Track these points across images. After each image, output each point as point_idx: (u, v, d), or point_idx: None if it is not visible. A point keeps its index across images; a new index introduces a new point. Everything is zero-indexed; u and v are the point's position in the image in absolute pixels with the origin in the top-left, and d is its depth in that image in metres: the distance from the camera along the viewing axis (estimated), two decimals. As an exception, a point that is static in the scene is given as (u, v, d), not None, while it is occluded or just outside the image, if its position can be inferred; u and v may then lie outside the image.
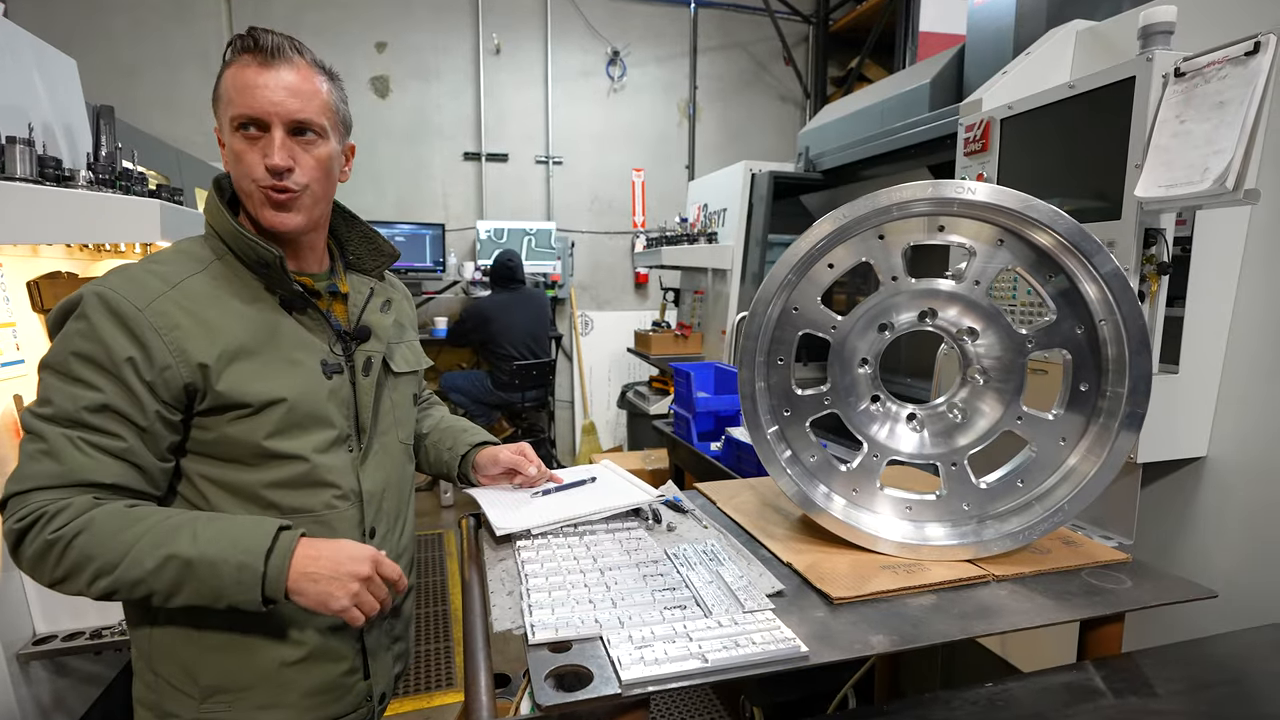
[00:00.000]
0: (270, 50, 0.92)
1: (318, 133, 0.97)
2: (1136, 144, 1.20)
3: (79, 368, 0.87)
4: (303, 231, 1.01)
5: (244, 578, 0.86)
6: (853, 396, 1.13)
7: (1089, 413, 1.06)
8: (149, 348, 0.88)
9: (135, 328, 0.88)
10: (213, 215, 1.00)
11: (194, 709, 0.96)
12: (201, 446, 0.95)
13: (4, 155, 1.36)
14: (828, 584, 0.98)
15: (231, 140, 0.95)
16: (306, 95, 0.95)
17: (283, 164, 0.94)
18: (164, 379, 0.89)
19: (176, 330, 0.90)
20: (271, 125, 0.93)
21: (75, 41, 3.79)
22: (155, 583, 0.85)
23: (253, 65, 0.92)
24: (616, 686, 0.74)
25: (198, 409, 0.93)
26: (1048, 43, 1.69)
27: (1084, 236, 0.99)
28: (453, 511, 4.52)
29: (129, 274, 0.93)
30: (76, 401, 0.86)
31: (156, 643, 0.97)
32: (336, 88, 1.02)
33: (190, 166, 2.98)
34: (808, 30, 5.89)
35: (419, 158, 5.18)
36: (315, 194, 1.00)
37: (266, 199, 0.96)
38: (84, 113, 1.95)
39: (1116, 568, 1.06)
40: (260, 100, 0.92)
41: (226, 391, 0.92)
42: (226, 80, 0.94)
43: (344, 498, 1.03)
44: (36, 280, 1.64)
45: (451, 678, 2.68)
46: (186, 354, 0.90)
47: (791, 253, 1.06)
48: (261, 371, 0.95)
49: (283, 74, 0.93)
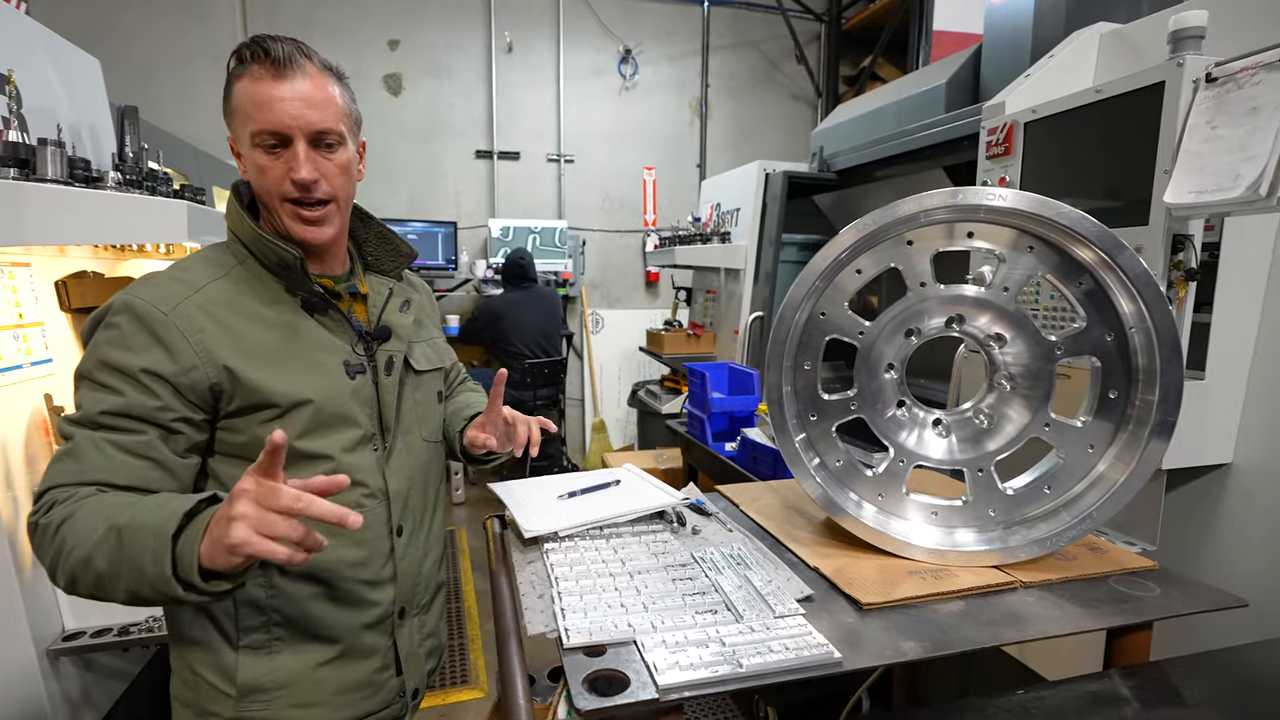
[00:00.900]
0: (282, 61, 0.92)
1: (337, 140, 0.98)
2: (1165, 149, 1.20)
3: (103, 374, 0.89)
4: (334, 242, 1.04)
5: (158, 544, 0.76)
6: (879, 402, 1.13)
7: (1118, 420, 1.06)
8: (175, 350, 0.89)
9: (161, 331, 0.89)
10: (234, 221, 1.01)
11: (232, 708, 0.98)
12: (232, 449, 0.96)
13: (35, 157, 1.37)
14: (856, 589, 0.99)
15: (252, 155, 0.95)
16: (323, 104, 0.95)
17: (310, 177, 0.95)
18: (190, 380, 0.90)
19: (201, 333, 0.91)
20: (294, 139, 0.94)
21: (90, 38, 3.84)
22: (98, 559, 0.78)
23: (266, 78, 0.92)
24: (654, 691, 0.75)
25: (226, 410, 0.94)
26: (1071, 45, 1.68)
27: (1113, 241, 0.98)
28: (465, 508, 4.55)
29: (155, 281, 0.95)
30: (100, 405, 0.88)
31: (193, 642, 0.99)
32: (345, 88, 1.02)
33: (208, 165, 2.99)
34: (820, 29, 5.87)
35: (431, 156, 5.20)
36: (341, 201, 1.02)
37: (296, 215, 0.97)
38: (107, 112, 1.96)
39: (1144, 575, 1.06)
40: (280, 114, 0.92)
41: (254, 392, 0.93)
42: (240, 93, 0.93)
43: (371, 496, 1.05)
44: (64, 280, 1.66)
45: (467, 675, 2.69)
46: (212, 355, 0.91)
47: (820, 259, 1.06)
48: (287, 373, 0.96)
49: (297, 84, 0.93)
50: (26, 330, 1.53)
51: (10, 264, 1.51)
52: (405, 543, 1.10)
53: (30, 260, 1.58)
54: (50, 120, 1.56)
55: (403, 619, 1.11)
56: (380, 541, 1.06)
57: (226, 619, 0.98)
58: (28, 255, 1.57)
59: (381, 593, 1.07)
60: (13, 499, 1.39)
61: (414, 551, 1.12)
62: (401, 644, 1.10)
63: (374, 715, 1.08)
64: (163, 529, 0.77)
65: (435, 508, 1.20)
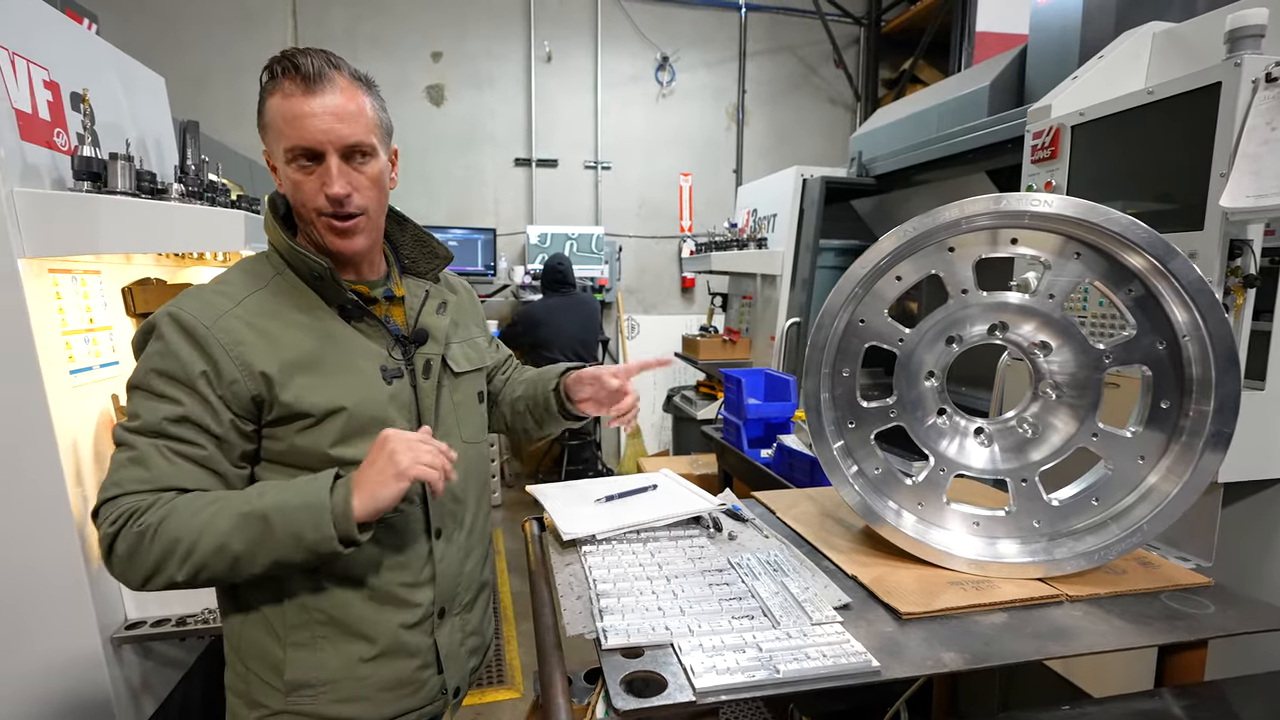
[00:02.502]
0: (312, 76, 0.93)
1: (368, 152, 0.99)
2: (1222, 152, 1.16)
3: (159, 383, 0.92)
4: (369, 251, 1.06)
5: (314, 514, 0.90)
6: (919, 410, 1.12)
7: (1170, 431, 1.03)
8: (218, 362, 0.92)
9: (205, 344, 0.92)
10: (270, 233, 1.03)
11: (281, 701, 1.01)
12: (274, 455, 1.00)
13: (107, 171, 1.45)
14: (895, 598, 0.98)
15: (287, 170, 0.97)
16: (353, 116, 0.96)
17: (343, 192, 0.96)
18: (233, 392, 0.93)
19: (241, 345, 0.94)
20: (326, 154, 0.95)
21: (150, 53, 4.03)
22: (235, 543, 0.89)
23: (297, 94, 0.93)
24: (691, 694, 0.76)
25: (266, 419, 0.97)
26: (1121, 46, 1.64)
27: (1166, 249, 0.96)
28: (501, 510, 4.61)
29: (198, 294, 0.97)
30: (159, 413, 0.91)
31: (244, 638, 1.03)
32: (375, 97, 1.02)
33: (261, 175, 3.12)
34: (859, 32, 5.81)
35: (471, 164, 5.30)
36: (373, 212, 1.03)
37: (331, 227, 0.99)
38: (170, 126, 2.06)
39: (1198, 591, 1.03)
40: (311, 130, 0.93)
41: (291, 402, 0.96)
42: (272, 109, 0.95)
43: (409, 500, 1.06)
44: (130, 286, 1.75)
45: (503, 674, 2.73)
46: (251, 367, 0.94)
47: (859, 265, 1.06)
48: (322, 382, 0.98)
49: (328, 99, 0.94)
50: (96, 334, 1.61)
51: (82, 271, 1.60)
52: (444, 545, 1.12)
53: (100, 268, 1.67)
54: (119, 135, 1.65)
55: (443, 619, 1.13)
56: (418, 545, 1.08)
57: (275, 616, 1.01)
58: (98, 264, 1.67)
59: (421, 594, 1.09)
60: (82, 495, 1.47)
61: (453, 553, 1.14)
62: (442, 644, 1.12)
63: (415, 712, 1.10)
64: (313, 503, 0.91)
65: (477, 508, 1.22)
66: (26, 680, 1.44)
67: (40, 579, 1.43)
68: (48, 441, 1.39)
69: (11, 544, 1.40)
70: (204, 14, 4.72)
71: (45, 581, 1.43)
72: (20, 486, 1.39)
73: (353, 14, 4.95)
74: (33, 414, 1.38)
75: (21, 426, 1.37)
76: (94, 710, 1.49)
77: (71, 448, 1.46)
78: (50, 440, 1.39)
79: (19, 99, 1.39)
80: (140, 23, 4.55)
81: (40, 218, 1.35)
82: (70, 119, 1.56)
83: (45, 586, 1.43)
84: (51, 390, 1.39)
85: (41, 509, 1.41)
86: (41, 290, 1.43)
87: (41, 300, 1.42)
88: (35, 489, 1.40)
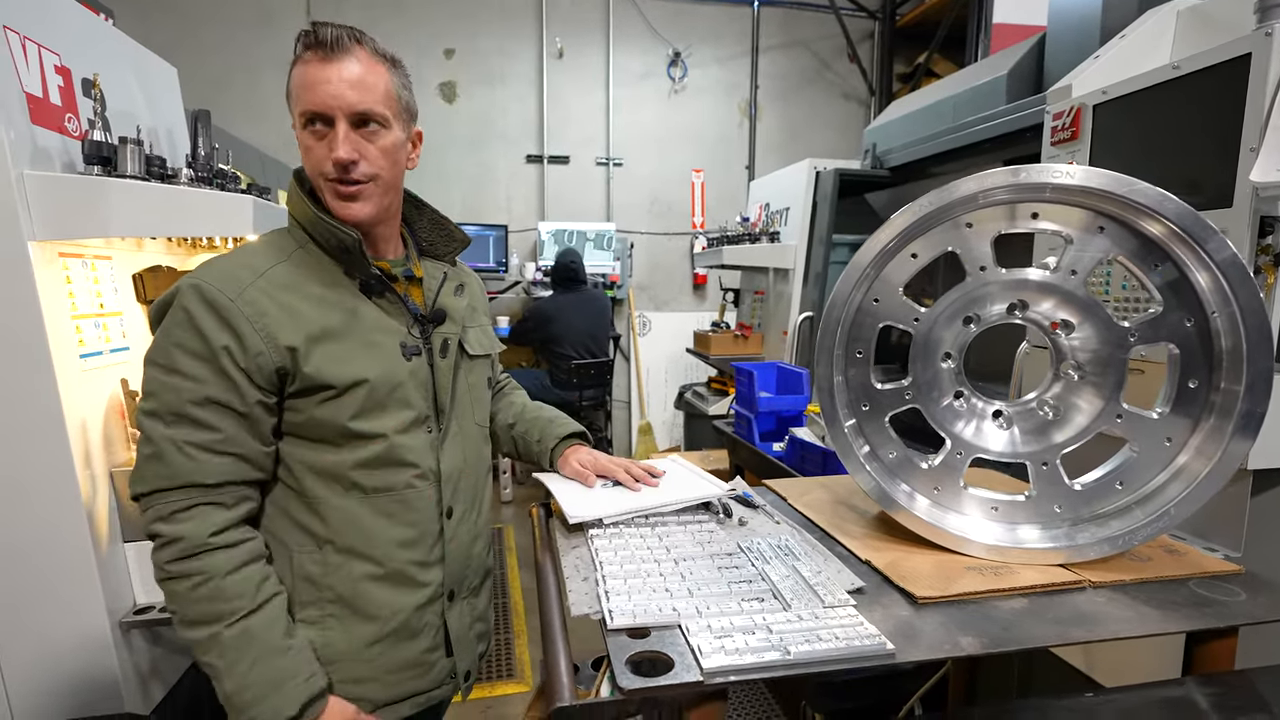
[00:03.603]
0: (330, 44, 0.94)
1: (380, 122, 0.98)
2: (1252, 126, 1.12)
3: (180, 358, 0.91)
4: (373, 221, 1.04)
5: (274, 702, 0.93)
6: (935, 391, 1.09)
7: (1199, 411, 0.99)
8: (242, 335, 0.92)
9: (229, 317, 0.92)
10: (294, 205, 1.03)
11: None
12: (293, 428, 0.99)
13: (116, 155, 1.45)
14: (910, 583, 0.95)
15: (301, 136, 0.98)
16: (367, 86, 0.96)
17: (347, 157, 0.95)
18: (257, 364, 0.93)
19: (265, 317, 0.94)
20: (335, 119, 0.95)
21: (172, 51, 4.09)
22: (198, 653, 0.94)
23: (315, 61, 0.94)
24: (698, 674, 0.73)
25: (288, 391, 0.97)
26: (1144, 24, 1.59)
27: (1196, 221, 0.92)
28: (512, 507, 4.60)
29: (220, 266, 0.97)
30: (180, 395, 0.91)
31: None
32: (399, 75, 1.02)
33: (272, 168, 3.14)
34: (873, 26, 5.76)
35: (483, 161, 5.31)
36: (383, 183, 1.01)
37: (335, 192, 0.98)
38: (183, 117, 2.07)
39: (1227, 579, 0.99)
40: (322, 95, 0.94)
41: (313, 374, 0.96)
42: (294, 77, 0.97)
43: (423, 477, 1.06)
44: (141, 273, 1.76)
45: (513, 669, 2.72)
46: (275, 339, 0.94)
47: (873, 243, 1.03)
48: (344, 354, 0.98)
49: (344, 67, 0.94)
50: (106, 319, 1.62)
51: (93, 256, 1.60)
52: (455, 524, 1.11)
53: (111, 254, 1.68)
54: (130, 123, 1.65)
55: (452, 601, 1.12)
56: (430, 523, 1.08)
57: (286, 593, 1.00)
58: (109, 249, 1.67)
59: (431, 573, 1.08)
60: (90, 477, 1.47)
61: (463, 534, 1.13)
62: (452, 625, 1.11)
63: (424, 694, 1.09)
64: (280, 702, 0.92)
65: (484, 493, 1.22)
66: (35, 663, 1.45)
67: (49, 562, 1.43)
68: (57, 424, 1.39)
69: (20, 526, 1.40)
70: (221, 13, 4.76)
71: (53, 564, 1.43)
72: (30, 469, 1.39)
73: (368, 15, 4.97)
74: (43, 397, 1.38)
75: (31, 409, 1.38)
76: (102, 694, 1.49)
77: (80, 431, 1.46)
78: (59, 423, 1.39)
79: (29, 83, 1.40)
80: (159, 20, 4.60)
81: (50, 201, 1.35)
82: (82, 105, 1.56)
83: (53, 569, 1.43)
84: (61, 373, 1.39)
85: (50, 492, 1.41)
86: (52, 274, 1.43)
87: (52, 284, 1.42)
88: (44, 472, 1.40)
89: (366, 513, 1.02)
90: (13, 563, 1.41)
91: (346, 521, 1.01)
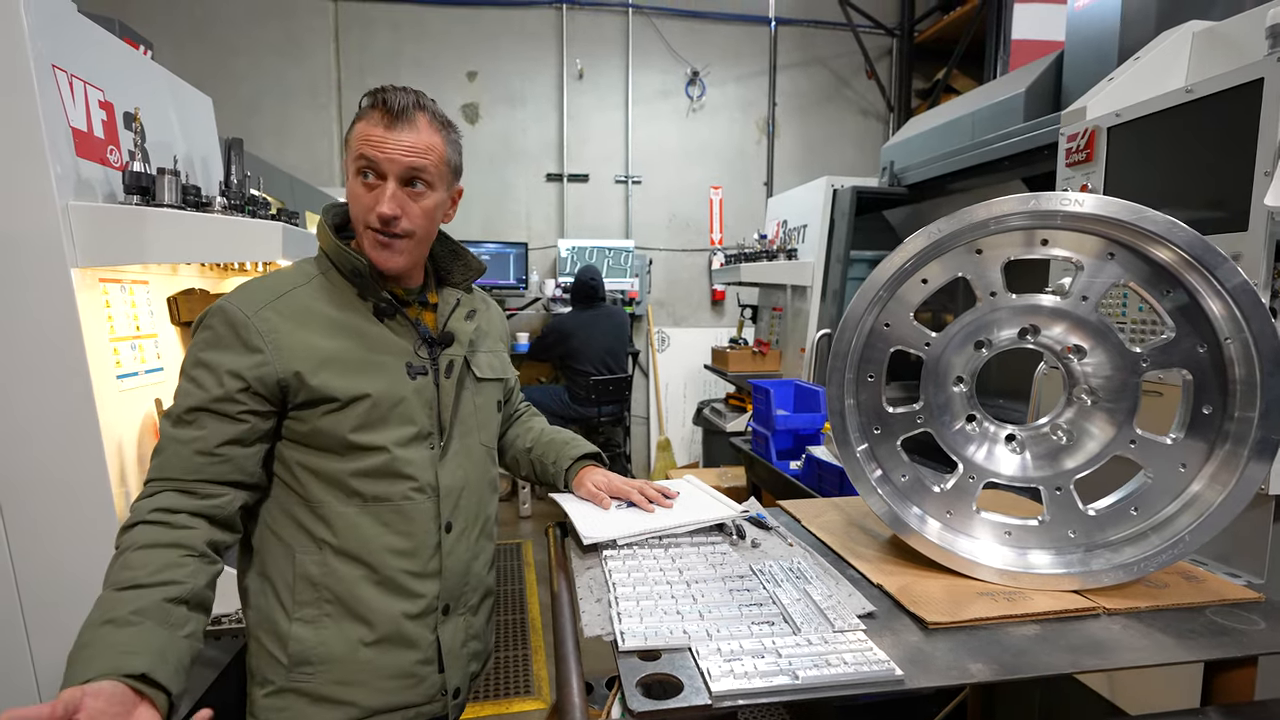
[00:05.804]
0: (397, 111, 1.02)
1: (427, 184, 1.07)
2: (1266, 150, 1.12)
3: (197, 370, 1.01)
4: (405, 271, 1.13)
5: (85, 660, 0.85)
6: (947, 415, 1.09)
7: (1213, 437, 0.99)
8: (252, 348, 1.01)
9: (243, 331, 1.01)
10: (320, 234, 1.12)
11: (284, 676, 1.05)
12: (297, 436, 1.06)
13: (155, 185, 1.52)
14: (921, 608, 0.95)
15: (352, 182, 1.06)
16: (421, 152, 1.04)
17: (391, 213, 1.04)
18: (260, 374, 1.00)
19: (276, 333, 1.02)
20: (387, 177, 1.04)
21: (205, 79, 4.27)
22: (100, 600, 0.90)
23: (380, 124, 1.03)
24: (707, 698, 0.75)
25: (293, 403, 1.04)
26: (1160, 46, 1.60)
27: (1206, 248, 0.92)
28: (531, 522, 4.63)
29: (247, 288, 1.07)
30: (187, 399, 1.00)
31: (255, 608, 1.09)
32: (452, 139, 1.11)
33: (302, 191, 3.23)
34: (891, 43, 5.77)
35: (504, 180, 5.40)
36: (419, 239, 1.10)
37: (375, 240, 1.07)
38: (217, 144, 2.15)
39: (1247, 607, 0.98)
40: (380, 155, 1.02)
41: (318, 387, 1.02)
42: (357, 130, 1.05)
43: (421, 490, 1.11)
44: (175, 296, 1.82)
45: (529, 685, 2.73)
46: (282, 352, 1.01)
47: (884, 268, 1.04)
48: (350, 370, 1.05)
49: (404, 134, 1.03)
50: (142, 341, 1.68)
51: (131, 281, 1.67)
52: (454, 540, 1.15)
53: (148, 278, 1.75)
54: (168, 152, 1.72)
55: (447, 615, 1.15)
56: (428, 535, 1.12)
57: (286, 590, 1.06)
58: (145, 274, 1.74)
59: (426, 585, 1.12)
60: (125, 495, 1.53)
61: (462, 550, 1.16)
62: (444, 640, 1.14)
63: (415, 708, 1.12)
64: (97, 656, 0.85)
65: (487, 510, 1.24)
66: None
67: (82, 575, 1.48)
68: (94, 443, 1.45)
69: (55, 541, 1.45)
70: (252, 41, 4.93)
71: (86, 578, 1.48)
72: (67, 485, 1.45)
73: (395, 36, 5.12)
74: (82, 416, 1.44)
75: (71, 428, 1.43)
76: (133, 706, 1.53)
77: (117, 449, 1.52)
78: (97, 441, 1.45)
79: (75, 118, 1.47)
80: (193, 50, 4.78)
81: (92, 230, 1.42)
82: (123, 137, 1.64)
83: (85, 583, 1.48)
84: (99, 394, 1.45)
85: (86, 508, 1.46)
86: (92, 299, 1.50)
87: (92, 308, 1.49)
88: (81, 488, 1.45)
89: (365, 519, 1.07)
90: (45, 576, 1.46)
91: (346, 526, 1.06)
